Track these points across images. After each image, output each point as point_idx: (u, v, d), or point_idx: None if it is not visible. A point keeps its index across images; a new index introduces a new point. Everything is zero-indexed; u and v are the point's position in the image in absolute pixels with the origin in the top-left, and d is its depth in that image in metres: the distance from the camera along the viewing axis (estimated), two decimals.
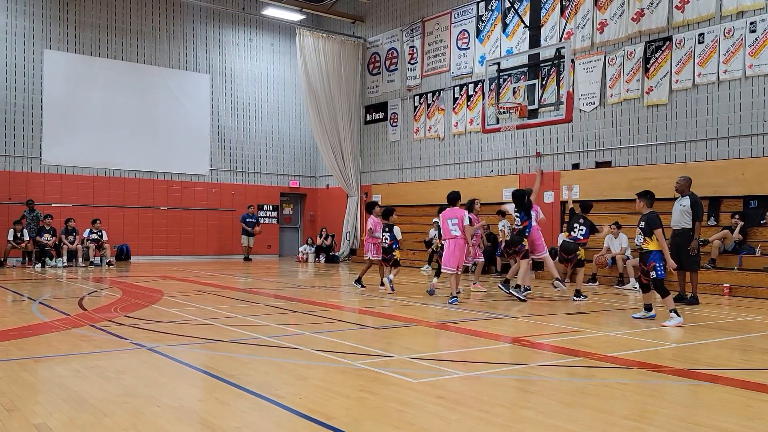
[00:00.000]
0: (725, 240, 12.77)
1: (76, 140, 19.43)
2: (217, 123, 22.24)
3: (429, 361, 5.89)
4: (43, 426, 3.91)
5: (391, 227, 11.68)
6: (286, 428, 4.06)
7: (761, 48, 12.81)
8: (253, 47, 22.98)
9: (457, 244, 10.29)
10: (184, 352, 6.17)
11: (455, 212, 10.43)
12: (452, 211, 10.49)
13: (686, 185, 10.72)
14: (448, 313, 9.31)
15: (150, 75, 20.83)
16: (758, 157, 12.90)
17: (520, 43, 17.07)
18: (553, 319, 8.95)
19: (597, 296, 11.86)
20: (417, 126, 20.39)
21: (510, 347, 6.83)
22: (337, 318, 8.67)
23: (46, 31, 19.15)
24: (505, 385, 5.19)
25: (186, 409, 4.35)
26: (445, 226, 10.47)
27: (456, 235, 10.29)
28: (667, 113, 14.29)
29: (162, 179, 21.06)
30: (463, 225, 10.27)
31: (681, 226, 10.59)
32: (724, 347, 6.94)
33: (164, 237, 21.06)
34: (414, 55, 20.50)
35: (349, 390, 4.86)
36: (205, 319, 8.27)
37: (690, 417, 4.31)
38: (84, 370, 5.33)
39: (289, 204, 24.59)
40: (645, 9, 14.61)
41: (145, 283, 13.15)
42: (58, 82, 19.23)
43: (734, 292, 11.98)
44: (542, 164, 16.74)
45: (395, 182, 21.17)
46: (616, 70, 15.15)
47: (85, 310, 8.96)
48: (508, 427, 4.01)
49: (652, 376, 5.48)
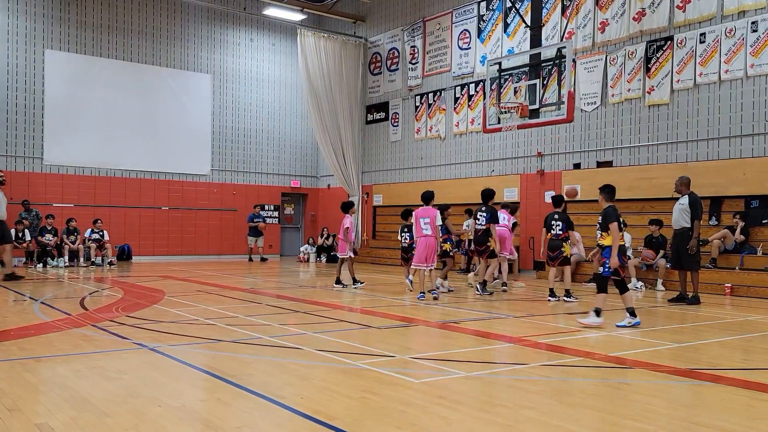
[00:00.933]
0: (725, 239, 12.76)
1: (78, 140, 19.45)
2: (218, 123, 22.25)
3: (430, 361, 5.90)
4: (45, 426, 3.91)
5: (410, 227, 11.93)
6: (288, 428, 4.06)
7: (762, 48, 12.80)
8: (254, 47, 22.99)
9: (428, 242, 10.79)
10: (185, 352, 6.18)
11: (428, 212, 10.94)
12: (425, 210, 10.98)
13: (684, 185, 10.73)
14: (450, 313, 9.31)
15: (151, 75, 20.84)
16: (759, 157, 12.89)
17: (521, 43, 17.06)
18: (553, 318, 8.95)
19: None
20: (418, 126, 20.39)
21: (511, 347, 6.83)
22: (339, 318, 8.67)
23: (47, 31, 19.16)
24: (506, 385, 5.19)
25: (187, 409, 4.35)
26: (417, 225, 10.92)
27: (427, 234, 10.80)
28: (668, 113, 14.28)
29: (163, 179, 21.07)
30: (435, 224, 10.82)
31: (681, 226, 10.60)
32: (726, 347, 6.94)
33: (165, 237, 21.08)
34: (415, 55, 20.49)
35: (351, 390, 4.86)
36: (207, 319, 8.28)
37: (691, 417, 4.31)
38: (85, 370, 5.33)
39: (290, 204, 24.60)
40: (646, 9, 14.60)
41: (147, 283, 13.16)
42: (59, 82, 19.24)
43: (736, 292, 11.97)
44: (543, 164, 16.73)
45: (396, 182, 21.16)
46: (617, 69, 15.14)
47: (87, 310, 8.97)
48: (510, 427, 4.01)
49: (654, 376, 5.48)
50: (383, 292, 12.17)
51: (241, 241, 22.13)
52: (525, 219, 16.55)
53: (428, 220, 10.83)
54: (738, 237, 12.67)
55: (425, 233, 10.82)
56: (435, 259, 11.03)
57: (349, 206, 12.78)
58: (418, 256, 10.89)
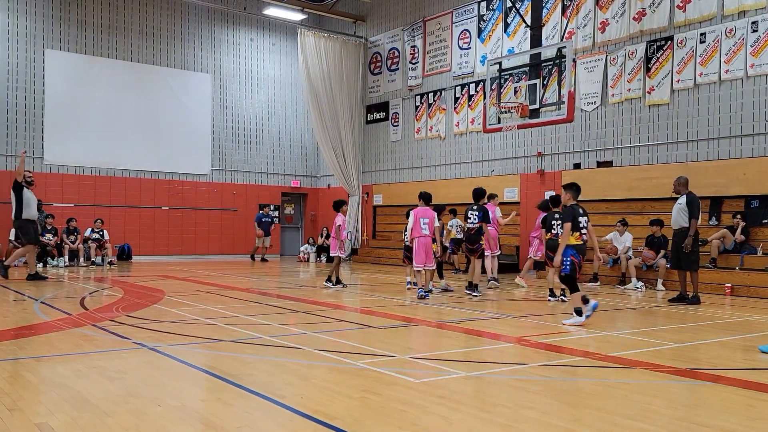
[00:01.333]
0: (725, 239, 12.76)
1: (78, 140, 19.45)
2: (218, 123, 22.25)
3: (431, 361, 5.90)
4: (45, 426, 3.91)
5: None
6: (288, 428, 4.06)
7: (763, 47, 12.80)
8: (254, 47, 22.99)
9: (427, 242, 10.94)
10: (186, 352, 6.18)
11: (428, 212, 11.05)
12: (425, 210, 11.07)
13: (682, 185, 10.74)
14: (450, 313, 9.31)
15: (151, 75, 20.84)
16: (760, 157, 12.89)
17: (522, 43, 17.06)
18: (554, 318, 8.95)
19: (598, 296, 11.85)
20: (418, 126, 20.39)
21: (511, 347, 6.83)
22: (339, 318, 8.67)
23: (47, 31, 19.16)
24: (506, 385, 5.19)
25: (188, 409, 4.35)
26: (417, 225, 10.95)
27: (426, 234, 10.91)
28: (668, 113, 14.28)
29: (163, 179, 21.08)
30: (434, 225, 10.99)
31: (680, 225, 10.61)
32: (726, 347, 6.93)
33: (165, 237, 21.08)
34: (415, 55, 20.50)
35: (351, 390, 4.86)
36: (207, 318, 8.28)
37: (691, 417, 4.31)
38: (86, 370, 5.33)
39: (290, 204, 24.61)
40: (646, 8, 14.60)
41: (147, 282, 13.16)
42: (59, 81, 19.25)
43: (736, 292, 11.98)
44: (543, 164, 16.73)
45: (396, 182, 21.17)
46: (617, 69, 15.14)
47: (87, 309, 8.97)
48: (510, 427, 4.01)
49: (654, 375, 5.48)
50: (383, 292, 12.17)
51: (241, 240, 22.15)
52: (525, 219, 16.56)
53: (427, 221, 10.93)
54: (738, 237, 12.67)
55: (424, 233, 10.91)
56: (433, 259, 11.15)
57: (340, 204, 12.71)
58: (419, 256, 10.92)
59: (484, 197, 11.62)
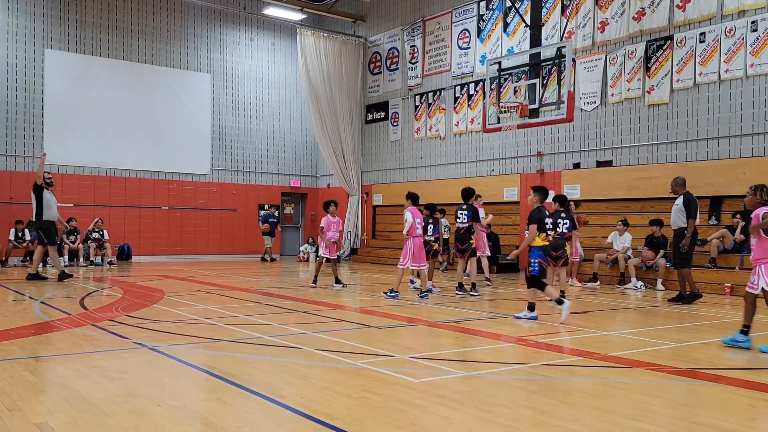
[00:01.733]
0: (724, 239, 12.76)
1: (78, 140, 19.44)
2: (218, 122, 22.24)
3: (430, 361, 5.90)
4: (45, 426, 3.91)
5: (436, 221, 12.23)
6: (288, 428, 4.06)
7: (762, 47, 12.80)
8: (254, 47, 22.98)
9: (422, 242, 11.13)
10: (185, 352, 6.18)
11: (418, 212, 11.22)
12: (415, 210, 11.21)
13: (679, 185, 10.75)
14: (449, 312, 9.31)
15: (151, 74, 20.83)
16: (759, 157, 12.89)
17: (521, 43, 17.06)
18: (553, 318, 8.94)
19: (598, 296, 11.86)
20: (418, 125, 20.39)
21: (511, 347, 6.84)
22: (339, 318, 8.67)
23: (47, 31, 19.15)
24: (506, 385, 5.19)
25: (188, 409, 4.35)
26: (413, 225, 11.03)
27: (420, 234, 11.11)
28: (668, 112, 14.28)
29: (163, 179, 21.07)
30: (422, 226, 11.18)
31: (678, 226, 10.62)
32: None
33: (165, 237, 21.07)
34: (415, 55, 20.49)
35: (351, 390, 4.86)
36: (207, 318, 8.28)
37: (691, 417, 4.31)
38: (85, 370, 5.33)
39: (290, 203, 24.60)
40: (646, 8, 14.60)
41: (147, 282, 13.16)
42: (59, 81, 19.24)
43: (736, 292, 11.96)
44: (543, 163, 16.73)
45: (396, 182, 21.16)
46: (617, 69, 15.14)
47: (87, 309, 8.97)
48: (510, 427, 4.01)
49: (654, 375, 5.48)
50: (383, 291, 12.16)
51: (240, 240, 22.14)
52: (525, 219, 16.54)
53: (419, 221, 11.17)
54: (738, 236, 12.67)
55: (419, 233, 11.07)
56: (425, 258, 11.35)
57: (327, 205, 12.71)
58: (417, 256, 10.99)
59: (473, 197, 11.70)
